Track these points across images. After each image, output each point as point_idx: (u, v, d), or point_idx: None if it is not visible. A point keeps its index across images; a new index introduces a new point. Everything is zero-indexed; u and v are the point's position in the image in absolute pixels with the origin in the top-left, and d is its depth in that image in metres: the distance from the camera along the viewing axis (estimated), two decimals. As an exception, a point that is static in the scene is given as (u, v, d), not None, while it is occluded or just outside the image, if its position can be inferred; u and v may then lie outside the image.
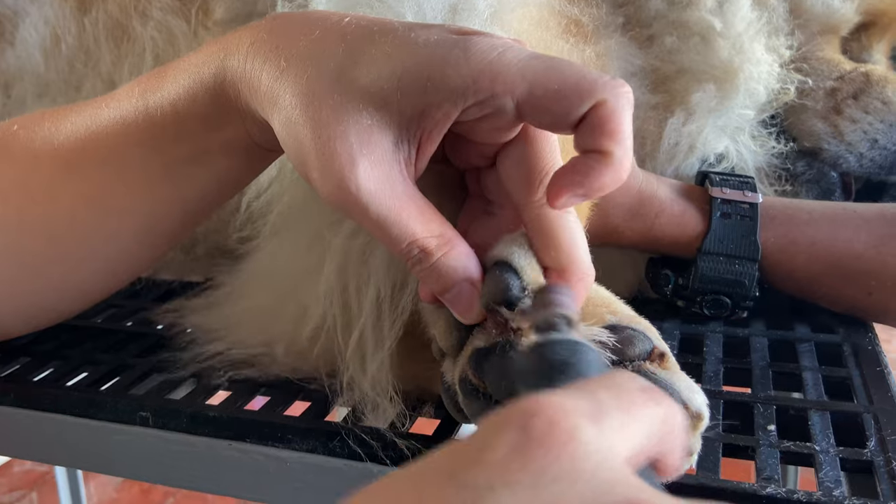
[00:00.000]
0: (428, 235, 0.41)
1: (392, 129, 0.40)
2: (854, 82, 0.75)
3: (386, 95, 0.40)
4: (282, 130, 0.43)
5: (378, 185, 0.40)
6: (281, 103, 0.42)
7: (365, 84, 0.40)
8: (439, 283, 0.41)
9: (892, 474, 0.45)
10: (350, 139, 0.40)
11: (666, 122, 0.73)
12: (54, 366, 0.63)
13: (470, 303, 0.41)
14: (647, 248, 0.68)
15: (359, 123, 0.40)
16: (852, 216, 0.65)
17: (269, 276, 0.59)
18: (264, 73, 0.43)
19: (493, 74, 0.38)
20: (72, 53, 0.83)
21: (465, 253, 0.42)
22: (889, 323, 0.67)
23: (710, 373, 0.57)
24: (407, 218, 0.40)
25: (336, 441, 0.50)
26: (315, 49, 0.42)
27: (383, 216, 0.40)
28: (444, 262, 0.41)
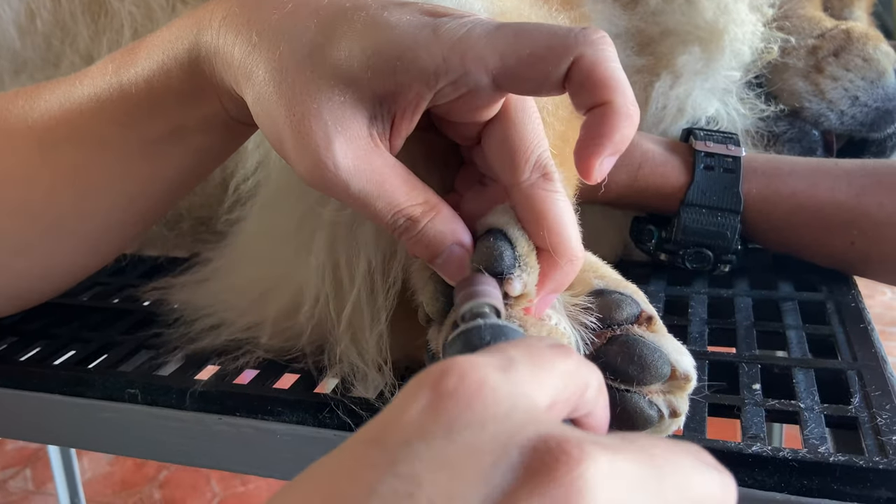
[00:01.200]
0: (412, 203, 0.41)
1: (365, 105, 0.40)
2: (835, 40, 0.75)
3: (356, 74, 0.39)
4: (255, 105, 0.42)
5: (356, 162, 0.39)
6: (254, 78, 0.41)
7: (336, 61, 0.39)
8: (428, 249, 0.41)
9: (876, 430, 0.45)
10: (324, 116, 0.39)
11: (652, 85, 0.73)
12: (41, 345, 0.63)
13: (460, 266, 0.41)
14: (631, 202, 0.69)
15: (331, 100, 0.39)
16: (833, 168, 0.66)
17: (257, 251, 0.58)
18: (237, 48, 0.42)
19: (463, 51, 0.38)
20: (48, 30, 0.81)
21: (451, 217, 0.42)
22: (870, 274, 0.67)
23: (695, 334, 0.58)
24: (389, 189, 0.40)
25: (325, 412, 0.50)
26: (287, 23, 0.41)
27: (365, 191, 0.40)
28: (432, 226, 0.41)
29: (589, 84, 0.38)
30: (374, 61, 0.39)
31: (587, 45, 0.37)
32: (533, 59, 0.38)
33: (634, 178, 0.66)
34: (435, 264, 0.42)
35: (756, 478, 0.43)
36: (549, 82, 0.38)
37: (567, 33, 0.38)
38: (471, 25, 0.38)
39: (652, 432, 0.41)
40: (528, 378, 0.26)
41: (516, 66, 0.38)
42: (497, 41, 0.38)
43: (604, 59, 0.38)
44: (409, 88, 0.39)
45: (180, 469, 2.09)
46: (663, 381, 0.41)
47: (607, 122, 0.38)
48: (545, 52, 0.37)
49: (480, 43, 0.38)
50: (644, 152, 0.66)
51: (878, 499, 0.41)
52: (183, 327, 0.59)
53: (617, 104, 0.38)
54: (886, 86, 0.75)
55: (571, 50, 0.37)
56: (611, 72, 0.38)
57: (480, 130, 0.43)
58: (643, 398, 0.40)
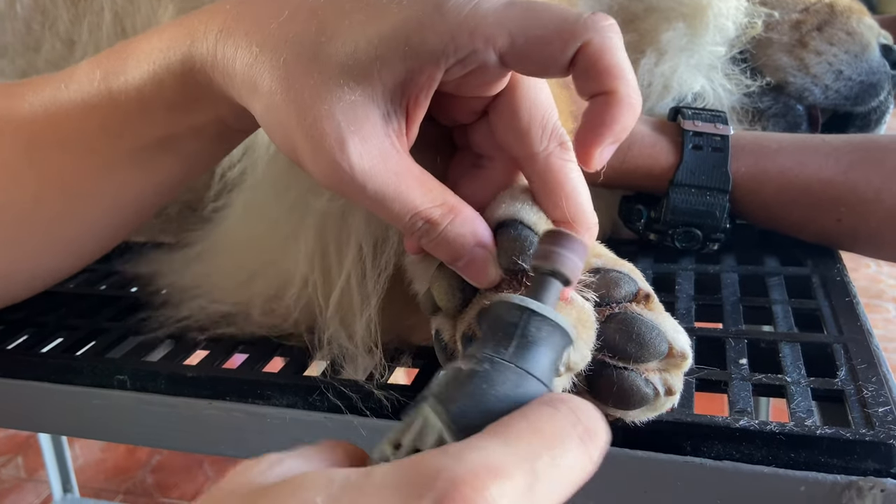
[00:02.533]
0: (431, 205, 0.40)
1: (378, 101, 0.39)
2: (818, 14, 0.75)
3: (365, 67, 0.38)
4: (265, 116, 0.41)
5: (372, 162, 0.38)
6: (261, 89, 0.40)
7: (342, 59, 0.39)
8: (450, 252, 0.40)
9: (862, 402, 0.45)
10: (336, 118, 0.38)
11: (637, 63, 0.72)
12: (28, 333, 0.63)
13: (484, 267, 0.40)
14: (620, 183, 0.69)
15: (342, 100, 0.38)
16: (821, 144, 0.66)
17: (244, 235, 0.58)
18: (237, 62, 0.41)
19: (471, 29, 0.37)
20: (28, 14, 0.81)
21: (471, 217, 0.41)
22: (857, 250, 0.67)
23: (682, 310, 0.58)
24: (406, 190, 0.39)
25: (315, 395, 0.50)
26: (286, 31, 0.40)
27: (381, 192, 0.39)
28: (452, 229, 0.40)
29: (594, 71, 0.37)
30: (381, 51, 0.38)
31: (595, 32, 0.37)
32: (542, 40, 0.37)
33: (623, 158, 0.66)
34: (457, 267, 0.41)
35: (744, 452, 0.43)
36: (556, 65, 0.38)
37: (577, 18, 0.37)
38: (477, 1, 0.38)
39: (647, 410, 0.42)
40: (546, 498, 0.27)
41: (524, 45, 0.37)
42: (506, 19, 0.37)
43: (611, 46, 0.37)
44: (421, 73, 0.38)
45: (172, 454, 2.09)
46: (660, 358, 0.41)
47: (610, 110, 0.38)
48: (554, 34, 0.37)
49: (489, 20, 0.37)
50: (633, 133, 0.66)
51: (865, 470, 0.42)
52: (170, 311, 0.59)
53: (621, 93, 0.38)
54: (870, 59, 0.75)
55: (580, 35, 0.37)
56: (617, 60, 0.37)
57: (486, 105, 0.43)
58: (640, 376, 0.40)
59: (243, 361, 0.55)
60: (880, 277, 2.79)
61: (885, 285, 2.75)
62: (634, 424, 0.43)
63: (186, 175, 0.53)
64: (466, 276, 0.41)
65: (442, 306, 0.43)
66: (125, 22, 0.75)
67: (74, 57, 0.78)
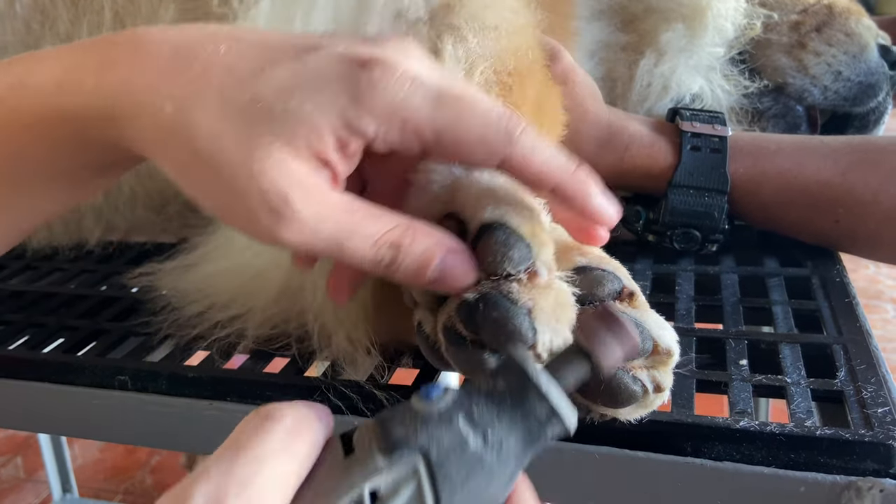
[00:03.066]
0: (387, 228, 0.39)
1: (304, 156, 0.37)
2: (817, 15, 0.75)
3: (292, 132, 0.37)
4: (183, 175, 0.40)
5: (318, 207, 0.37)
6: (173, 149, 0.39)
7: (265, 118, 0.37)
8: (421, 268, 0.39)
9: (861, 403, 0.46)
10: (269, 174, 0.37)
11: (637, 63, 0.73)
12: (29, 333, 0.63)
13: (465, 272, 0.39)
14: (619, 184, 0.69)
15: (271, 157, 0.37)
16: (819, 146, 0.66)
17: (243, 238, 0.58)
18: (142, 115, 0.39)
19: (403, 120, 0.38)
20: (28, 13, 0.81)
21: (428, 229, 0.40)
22: (856, 251, 0.68)
23: (682, 311, 0.58)
24: (361, 222, 0.38)
25: (316, 396, 0.50)
26: (200, 88, 0.38)
27: (336, 232, 0.38)
28: (418, 244, 0.39)
29: (529, 181, 0.40)
30: (308, 114, 0.37)
31: (512, 147, 0.39)
32: (465, 147, 0.39)
33: (622, 159, 0.66)
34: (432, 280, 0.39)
35: (744, 452, 0.43)
36: (484, 167, 0.41)
37: (496, 130, 0.39)
38: (409, 91, 0.38)
39: (637, 407, 0.42)
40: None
41: (449, 145, 0.39)
42: (437, 119, 0.38)
43: (530, 152, 0.39)
44: (348, 145, 0.38)
45: (172, 454, 2.09)
46: (646, 356, 0.41)
47: (571, 193, 0.40)
48: (478, 142, 0.39)
49: (419, 115, 0.38)
50: (631, 134, 0.67)
51: (865, 471, 0.42)
52: (171, 313, 0.59)
53: (566, 181, 0.40)
54: (869, 60, 0.75)
55: (499, 150, 0.39)
56: (543, 162, 0.40)
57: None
58: (627, 374, 0.41)
59: (244, 362, 0.55)
60: (879, 278, 2.79)
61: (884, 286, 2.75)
62: (633, 425, 0.43)
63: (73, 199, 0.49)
64: (440, 287, 0.40)
65: (418, 300, 0.43)
66: (126, 21, 0.75)
67: (74, 57, 0.78)
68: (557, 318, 0.39)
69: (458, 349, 0.41)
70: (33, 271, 0.76)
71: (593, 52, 0.74)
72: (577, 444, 0.45)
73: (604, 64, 0.74)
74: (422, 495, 0.29)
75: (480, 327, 0.39)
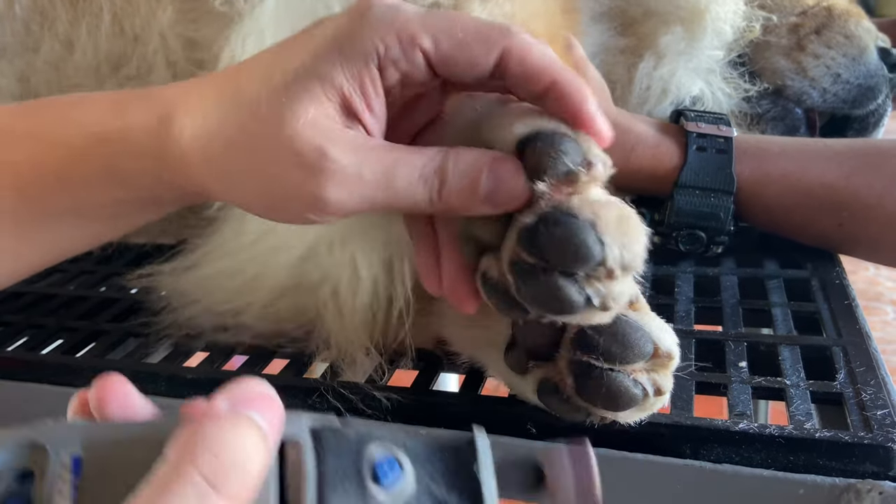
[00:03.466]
0: (429, 157, 0.39)
1: (333, 116, 0.39)
2: (816, 17, 0.75)
3: (308, 84, 0.39)
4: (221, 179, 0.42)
5: (356, 153, 0.39)
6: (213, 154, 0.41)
7: (286, 84, 0.39)
8: (472, 181, 0.39)
9: (861, 405, 0.46)
10: (303, 135, 0.38)
11: (636, 66, 0.73)
12: (28, 334, 0.63)
13: (516, 179, 0.39)
14: (624, 184, 0.69)
15: (301, 119, 0.38)
16: (823, 149, 0.66)
17: (243, 238, 0.58)
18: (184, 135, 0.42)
19: (396, 30, 0.39)
20: (27, 15, 0.81)
21: (469, 149, 0.40)
22: (859, 254, 0.68)
23: (681, 312, 0.58)
24: (402, 157, 0.39)
25: (315, 397, 0.50)
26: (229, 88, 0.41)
27: (382, 169, 0.39)
28: (464, 159, 0.39)
29: (528, 72, 0.39)
30: (316, 66, 0.39)
31: (510, 38, 0.39)
32: (464, 43, 0.39)
33: (627, 160, 0.66)
34: (487, 194, 0.39)
35: (743, 454, 0.43)
36: (480, 68, 0.39)
37: (493, 25, 0.40)
38: (396, 6, 0.40)
39: (637, 410, 0.42)
40: None
41: (448, 48, 0.39)
42: (429, 22, 0.39)
43: (529, 46, 0.39)
44: (360, 77, 0.39)
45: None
46: (646, 359, 0.41)
47: (569, 95, 0.39)
48: (474, 36, 0.39)
49: (412, 23, 0.39)
50: (637, 134, 0.66)
51: (864, 473, 0.42)
52: (171, 314, 0.59)
53: (562, 79, 0.39)
54: (868, 62, 0.75)
55: (498, 40, 0.39)
56: (541, 55, 0.39)
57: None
58: (627, 377, 0.40)
59: (243, 363, 0.55)
60: (879, 280, 2.79)
61: (884, 288, 2.75)
62: (632, 427, 0.43)
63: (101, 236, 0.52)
64: (498, 203, 0.39)
65: (485, 238, 0.42)
66: (124, 23, 0.75)
67: (73, 58, 0.78)
68: (624, 231, 0.37)
69: (529, 282, 0.38)
70: (32, 272, 0.75)
71: (593, 55, 0.74)
72: (577, 446, 0.45)
73: (603, 67, 0.74)
74: None
75: (546, 250, 0.37)
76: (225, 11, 0.61)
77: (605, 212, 0.38)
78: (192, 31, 0.71)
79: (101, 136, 0.44)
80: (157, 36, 0.73)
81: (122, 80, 0.74)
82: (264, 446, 0.27)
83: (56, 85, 0.77)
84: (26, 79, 0.79)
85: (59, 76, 0.77)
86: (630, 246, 0.37)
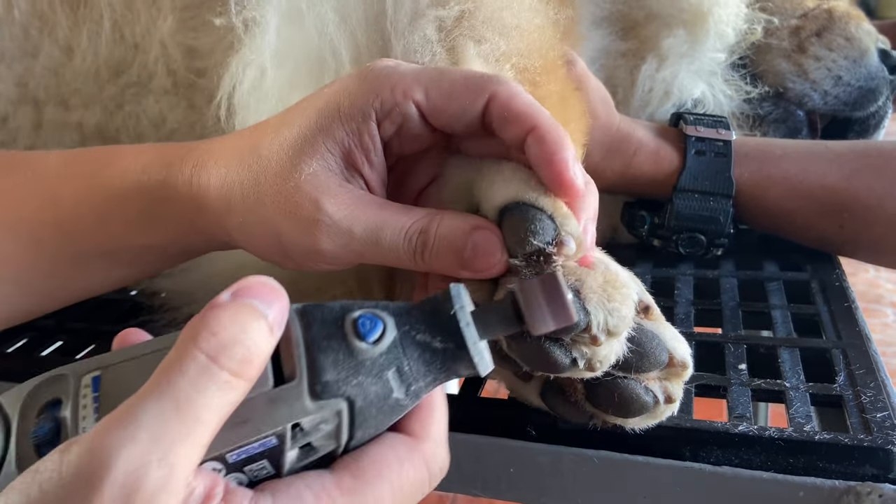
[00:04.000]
0: (417, 218, 0.41)
1: (334, 169, 0.42)
2: (817, 20, 0.75)
3: (312, 142, 0.42)
4: (241, 227, 0.44)
5: (349, 208, 0.41)
6: (234, 203, 0.44)
7: (293, 141, 0.42)
8: (452, 246, 0.40)
9: (861, 408, 0.46)
10: (303, 189, 0.41)
11: (638, 69, 0.73)
12: (28, 336, 0.63)
13: (493, 247, 0.40)
14: (625, 189, 0.69)
15: (303, 174, 0.41)
16: (824, 151, 0.66)
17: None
18: (211, 187, 0.44)
19: (392, 85, 0.41)
20: (25, 19, 0.81)
21: (455, 213, 0.42)
22: (860, 256, 0.68)
23: (681, 315, 0.58)
24: (393, 216, 0.41)
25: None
26: (247, 144, 0.44)
27: (370, 227, 0.41)
28: (445, 225, 0.41)
29: (510, 116, 0.41)
30: (320, 122, 0.42)
31: (498, 84, 0.41)
32: (453, 93, 0.41)
33: (629, 165, 0.66)
34: (466, 263, 0.40)
35: (742, 457, 0.43)
36: (469, 115, 0.41)
37: (481, 75, 0.42)
38: (396, 64, 0.43)
39: (647, 417, 0.42)
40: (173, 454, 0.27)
41: (438, 98, 0.41)
42: (421, 77, 0.42)
43: (515, 93, 0.41)
44: (360, 133, 0.42)
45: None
46: (661, 368, 0.41)
47: (546, 140, 0.40)
48: (462, 85, 0.41)
49: (406, 78, 0.42)
50: (639, 140, 0.67)
51: (864, 476, 0.42)
52: (169, 315, 0.59)
53: (543, 126, 0.40)
54: (869, 65, 0.75)
55: (485, 88, 0.41)
56: (525, 102, 0.41)
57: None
58: (640, 385, 0.40)
59: (242, 365, 0.55)
60: (879, 282, 2.79)
61: (884, 290, 2.75)
62: (634, 431, 0.43)
63: (128, 279, 0.55)
64: (476, 267, 0.40)
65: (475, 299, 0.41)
66: (125, 30, 0.75)
67: (73, 64, 0.78)
68: (609, 296, 0.38)
69: (518, 345, 0.39)
70: (32, 274, 0.75)
71: (594, 59, 0.74)
72: (576, 448, 0.45)
73: (604, 70, 0.75)
74: (339, 433, 0.32)
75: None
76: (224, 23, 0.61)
77: (589, 279, 0.39)
78: (191, 39, 0.71)
79: (145, 182, 0.47)
80: (158, 44, 0.73)
81: (121, 86, 0.74)
82: (265, 326, 0.30)
83: (55, 90, 0.77)
84: (25, 83, 0.79)
85: (58, 81, 0.77)
86: (615, 311, 0.38)
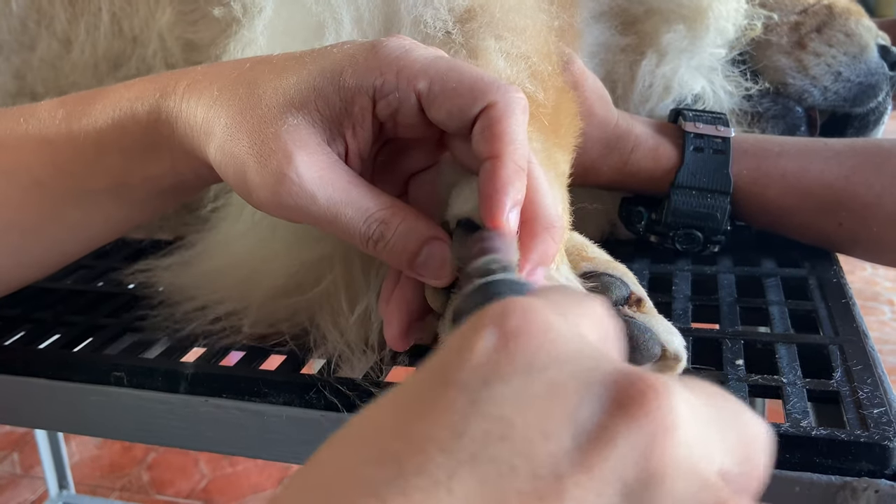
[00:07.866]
0: (382, 207, 0.41)
1: (318, 128, 0.42)
2: (817, 15, 0.75)
3: (305, 97, 0.41)
4: (217, 154, 0.43)
5: (320, 173, 0.41)
6: (216, 131, 0.43)
7: (287, 90, 0.42)
8: (407, 250, 0.41)
9: (857, 404, 0.46)
10: (282, 137, 0.41)
11: (638, 64, 0.73)
12: (25, 329, 0.63)
13: (442, 262, 0.41)
14: (622, 185, 0.69)
15: (287, 123, 0.41)
16: (822, 148, 0.66)
17: (241, 235, 0.58)
18: (199, 107, 0.44)
19: (399, 68, 0.41)
20: (23, 12, 0.81)
21: (418, 215, 0.42)
22: (859, 254, 0.68)
23: (678, 310, 0.58)
24: (357, 196, 0.41)
25: (312, 393, 0.50)
26: (245, 76, 0.44)
27: (333, 199, 0.40)
28: (405, 226, 0.41)
29: (490, 133, 0.40)
30: (319, 83, 0.41)
31: (503, 96, 0.40)
32: (455, 93, 0.40)
33: (626, 161, 0.66)
34: (416, 266, 0.41)
35: (739, 452, 0.43)
36: (462, 118, 0.41)
37: (493, 80, 0.41)
38: (409, 47, 0.42)
39: None
40: (579, 319, 0.26)
41: (440, 93, 0.40)
42: (430, 68, 0.41)
43: (512, 113, 0.40)
44: (353, 103, 0.41)
45: (168, 451, 2.09)
46: (654, 361, 0.41)
47: (498, 175, 0.39)
48: (467, 89, 0.40)
49: (416, 65, 0.41)
50: (637, 136, 0.67)
51: (860, 471, 0.42)
52: (168, 310, 0.59)
53: (506, 158, 0.39)
54: (869, 60, 0.75)
55: (489, 96, 0.40)
56: (512, 128, 0.40)
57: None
58: None
59: (240, 359, 0.55)
60: (876, 280, 2.79)
61: (881, 287, 2.75)
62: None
63: (130, 221, 0.55)
64: (426, 276, 0.41)
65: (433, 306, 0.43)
66: (123, 23, 0.75)
67: (71, 56, 0.77)
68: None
69: None
70: (30, 267, 0.75)
71: (594, 54, 0.74)
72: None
73: (604, 65, 0.74)
74: None
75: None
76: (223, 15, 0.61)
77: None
78: (190, 33, 0.71)
79: (139, 108, 0.47)
80: (157, 37, 0.73)
81: (120, 79, 0.73)
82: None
83: (53, 83, 0.77)
84: (22, 76, 0.79)
85: (56, 74, 0.77)
86: None
